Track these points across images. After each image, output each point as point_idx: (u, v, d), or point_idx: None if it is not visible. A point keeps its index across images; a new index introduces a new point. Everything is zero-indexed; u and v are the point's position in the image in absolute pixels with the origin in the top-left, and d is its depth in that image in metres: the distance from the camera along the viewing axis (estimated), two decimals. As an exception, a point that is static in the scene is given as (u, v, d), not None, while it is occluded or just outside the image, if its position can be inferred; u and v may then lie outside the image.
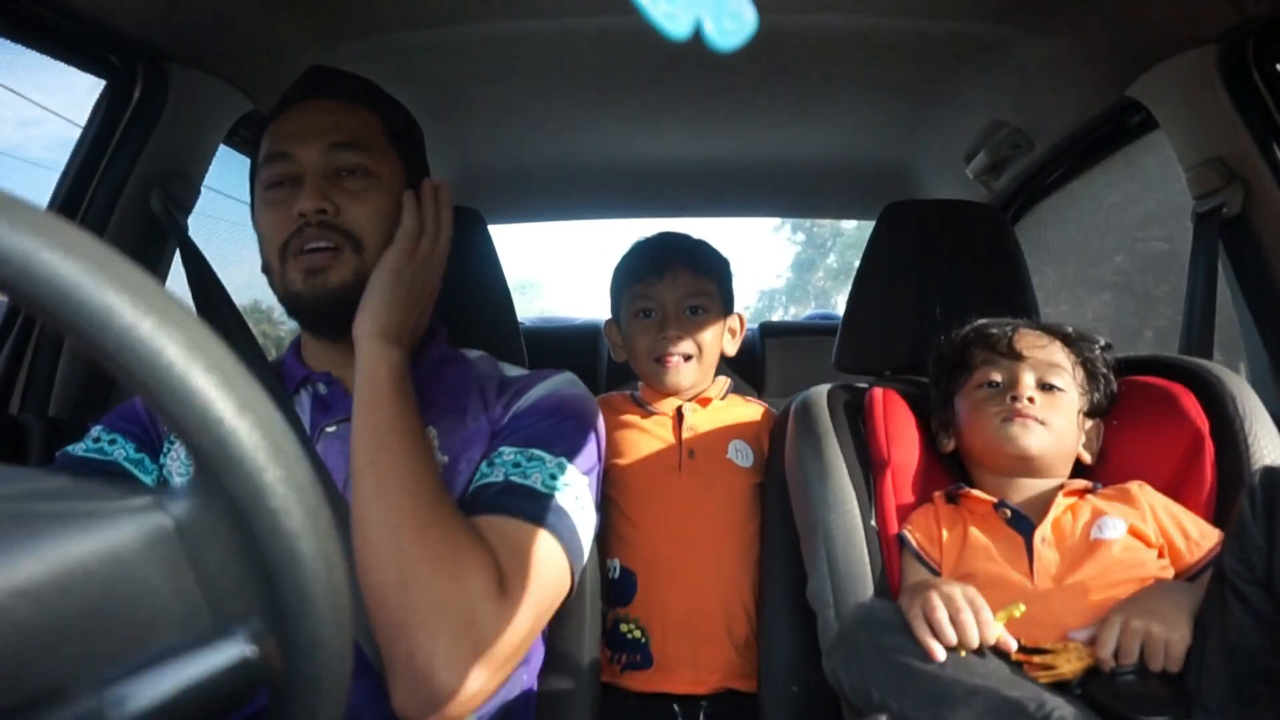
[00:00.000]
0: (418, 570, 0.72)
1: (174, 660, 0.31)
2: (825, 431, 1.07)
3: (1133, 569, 0.89)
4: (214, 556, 0.33)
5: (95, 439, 0.88)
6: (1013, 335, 1.04)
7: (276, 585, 0.33)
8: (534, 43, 1.38)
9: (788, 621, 1.14)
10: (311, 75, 0.97)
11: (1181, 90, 1.26)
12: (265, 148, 0.91)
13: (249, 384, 0.32)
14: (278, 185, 0.89)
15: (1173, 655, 0.77)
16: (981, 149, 1.74)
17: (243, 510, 0.32)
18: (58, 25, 1.08)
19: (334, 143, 0.88)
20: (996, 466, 1.01)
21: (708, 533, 1.25)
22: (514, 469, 0.84)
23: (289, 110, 0.93)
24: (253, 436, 0.32)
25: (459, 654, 0.70)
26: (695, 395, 1.34)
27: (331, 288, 0.86)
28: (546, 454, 0.85)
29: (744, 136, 1.83)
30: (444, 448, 0.89)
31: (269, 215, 0.89)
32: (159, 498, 0.33)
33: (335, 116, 0.91)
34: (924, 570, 0.97)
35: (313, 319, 0.90)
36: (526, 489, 0.82)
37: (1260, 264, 1.22)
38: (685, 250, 1.34)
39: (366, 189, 0.89)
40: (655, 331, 1.30)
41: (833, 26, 1.34)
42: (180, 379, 0.31)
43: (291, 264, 0.87)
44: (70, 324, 0.30)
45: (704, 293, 1.31)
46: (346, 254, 0.87)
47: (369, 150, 0.90)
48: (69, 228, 0.30)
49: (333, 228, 0.86)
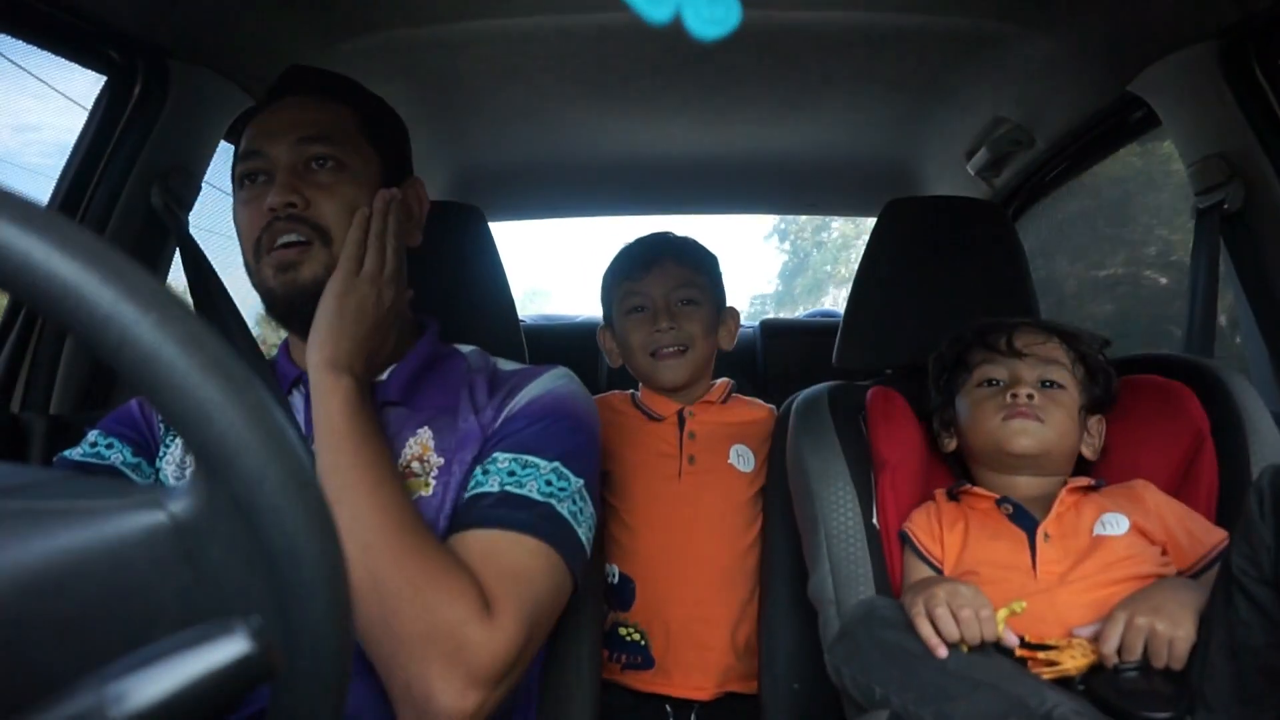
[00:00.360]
0: (399, 604, 0.71)
1: (174, 657, 0.31)
2: (826, 430, 1.06)
3: (1135, 566, 0.88)
4: (213, 554, 0.33)
5: (92, 444, 0.88)
6: (1012, 333, 1.04)
7: (277, 581, 0.33)
8: (534, 39, 1.38)
9: (789, 619, 1.14)
10: (286, 74, 0.97)
11: (1183, 86, 1.25)
12: (240, 147, 0.91)
13: (249, 380, 0.32)
14: (250, 182, 0.89)
15: (1177, 652, 0.77)
16: (983, 145, 1.73)
17: (244, 507, 0.32)
18: (58, 22, 1.08)
19: (302, 136, 0.88)
20: (998, 465, 1.01)
21: (708, 540, 1.25)
22: (509, 477, 0.82)
23: (264, 110, 0.93)
24: (254, 434, 0.31)
25: (452, 679, 0.70)
26: (696, 398, 1.34)
27: (302, 283, 0.85)
28: (541, 459, 0.84)
29: (744, 132, 1.83)
30: (440, 448, 0.88)
31: (243, 212, 0.89)
32: (158, 495, 0.33)
33: (305, 112, 0.90)
34: (925, 568, 0.97)
35: (285, 314, 0.89)
36: (521, 499, 0.81)
37: (1261, 260, 1.22)
38: (671, 245, 1.35)
39: (336, 182, 0.88)
40: (648, 326, 1.29)
41: (834, 22, 1.33)
42: (181, 376, 0.31)
43: (265, 260, 0.87)
44: (71, 321, 0.30)
45: (693, 284, 1.31)
46: (316, 248, 0.86)
47: (339, 143, 0.89)
48: (70, 225, 0.30)
49: (301, 220, 0.86)
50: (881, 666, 0.83)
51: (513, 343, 1.19)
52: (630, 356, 1.34)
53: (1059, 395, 1.00)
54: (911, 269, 1.23)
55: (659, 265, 1.31)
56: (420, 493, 0.85)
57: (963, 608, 0.81)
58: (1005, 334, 1.04)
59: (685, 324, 1.29)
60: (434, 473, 0.86)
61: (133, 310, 0.30)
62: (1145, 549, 0.90)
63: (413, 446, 0.88)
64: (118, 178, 1.20)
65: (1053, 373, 1.01)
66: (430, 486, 0.86)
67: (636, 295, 1.31)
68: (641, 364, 1.32)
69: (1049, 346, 1.03)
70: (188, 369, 0.31)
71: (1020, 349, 1.02)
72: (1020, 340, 1.03)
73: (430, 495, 0.85)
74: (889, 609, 0.88)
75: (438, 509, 0.85)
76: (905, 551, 1.00)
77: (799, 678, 1.12)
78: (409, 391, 0.91)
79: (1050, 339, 1.04)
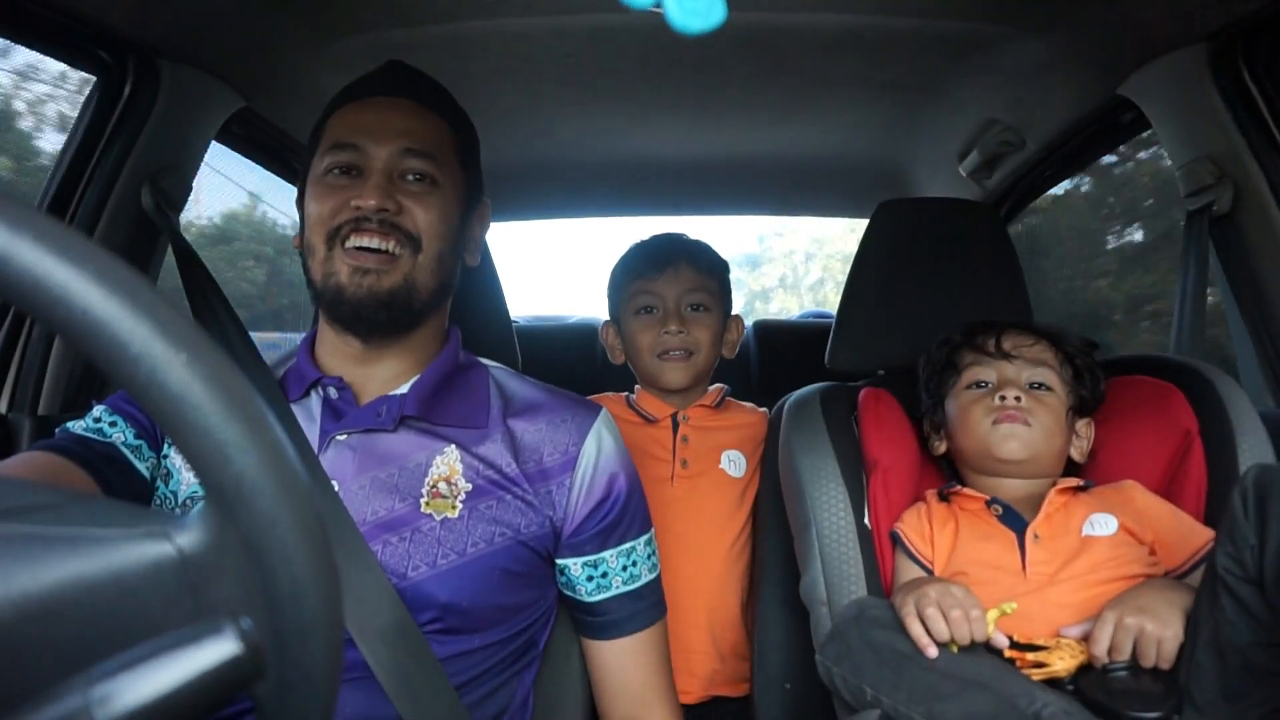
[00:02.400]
0: None
1: (161, 658, 0.31)
2: (818, 431, 1.07)
3: (1123, 566, 0.89)
4: (217, 588, 0.34)
5: (96, 418, 0.87)
6: (1000, 335, 1.04)
7: (277, 619, 0.33)
8: (529, 40, 1.38)
9: (780, 619, 1.14)
10: (394, 70, 0.95)
11: (1172, 89, 1.26)
12: (333, 134, 0.90)
13: (266, 419, 0.33)
14: (340, 172, 0.88)
15: (1165, 652, 0.78)
16: (974, 147, 1.74)
17: (253, 548, 0.32)
18: (48, 21, 1.08)
19: (408, 147, 0.88)
20: (987, 467, 1.01)
21: (697, 544, 1.25)
22: (622, 572, 0.92)
23: (365, 101, 0.91)
24: (270, 478, 0.32)
25: None
26: (691, 402, 1.34)
27: (379, 291, 0.85)
28: (638, 540, 0.94)
29: (737, 134, 1.83)
30: (468, 473, 0.87)
31: (324, 198, 0.87)
32: (167, 527, 0.34)
33: (412, 120, 0.90)
34: (916, 568, 0.97)
35: (350, 316, 0.87)
36: (638, 591, 0.93)
37: (1249, 262, 1.23)
38: (687, 247, 1.35)
39: (429, 194, 0.88)
40: (657, 327, 1.30)
41: (827, 25, 1.34)
42: (205, 417, 0.31)
43: (340, 254, 0.85)
44: (98, 357, 0.30)
45: (705, 289, 1.32)
46: (404, 258, 0.86)
47: (438, 160, 0.89)
48: (104, 254, 0.31)
49: (394, 226, 0.85)
50: (872, 667, 0.83)
51: (506, 345, 1.19)
52: (636, 355, 1.34)
53: (1046, 398, 1.00)
54: (904, 270, 1.24)
55: (673, 267, 1.31)
56: (446, 514, 0.84)
57: (953, 608, 0.82)
58: (993, 336, 1.04)
59: (694, 329, 1.30)
60: (461, 497, 0.85)
61: (164, 352, 0.30)
62: (1133, 549, 0.91)
63: (439, 466, 0.87)
64: (108, 178, 1.20)
65: (1041, 375, 1.01)
66: (457, 510, 0.85)
67: (648, 295, 1.32)
68: (647, 364, 1.32)
69: (1037, 349, 1.03)
70: (212, 410, 0.31)
71: (1008, 351, 1.03)
72: (1008, 342, 1.03)
73: (457, 518, 0.85)
74: (880, 609, 0.89)
75: (465, 536, 0.84)
76: (896, 552, 1.01)
77: (791, 678, 1.13)
78: (429, 405, 0.89)
79: (1038, 341, 1.04)
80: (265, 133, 1.54)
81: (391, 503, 0.84)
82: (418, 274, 0.87)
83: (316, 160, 0.90)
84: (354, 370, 0.91)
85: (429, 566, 0.82)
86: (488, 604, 0.85)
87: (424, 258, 0.87)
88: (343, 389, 0.89)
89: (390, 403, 0.88)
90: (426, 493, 0.85)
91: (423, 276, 0.88)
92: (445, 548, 0.83)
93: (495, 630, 0.87)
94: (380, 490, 0.84)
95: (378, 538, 0.83)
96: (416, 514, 0.84)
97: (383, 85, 0.93)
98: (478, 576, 0.84)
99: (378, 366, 0.91)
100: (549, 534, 0.89)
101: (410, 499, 0.84)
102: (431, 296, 0.89)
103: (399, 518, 0.83)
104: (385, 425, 0.86)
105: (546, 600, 0.94)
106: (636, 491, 0.95)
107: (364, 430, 0.87)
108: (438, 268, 0.89)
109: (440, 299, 0.92)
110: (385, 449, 0.86)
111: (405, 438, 0.87)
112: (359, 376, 0.91)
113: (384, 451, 0.86)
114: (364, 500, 0.84)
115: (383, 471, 0.85)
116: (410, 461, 0.86)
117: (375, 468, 0.85)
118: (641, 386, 1.38)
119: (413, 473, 0.86)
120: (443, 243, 0.89)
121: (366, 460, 0.86)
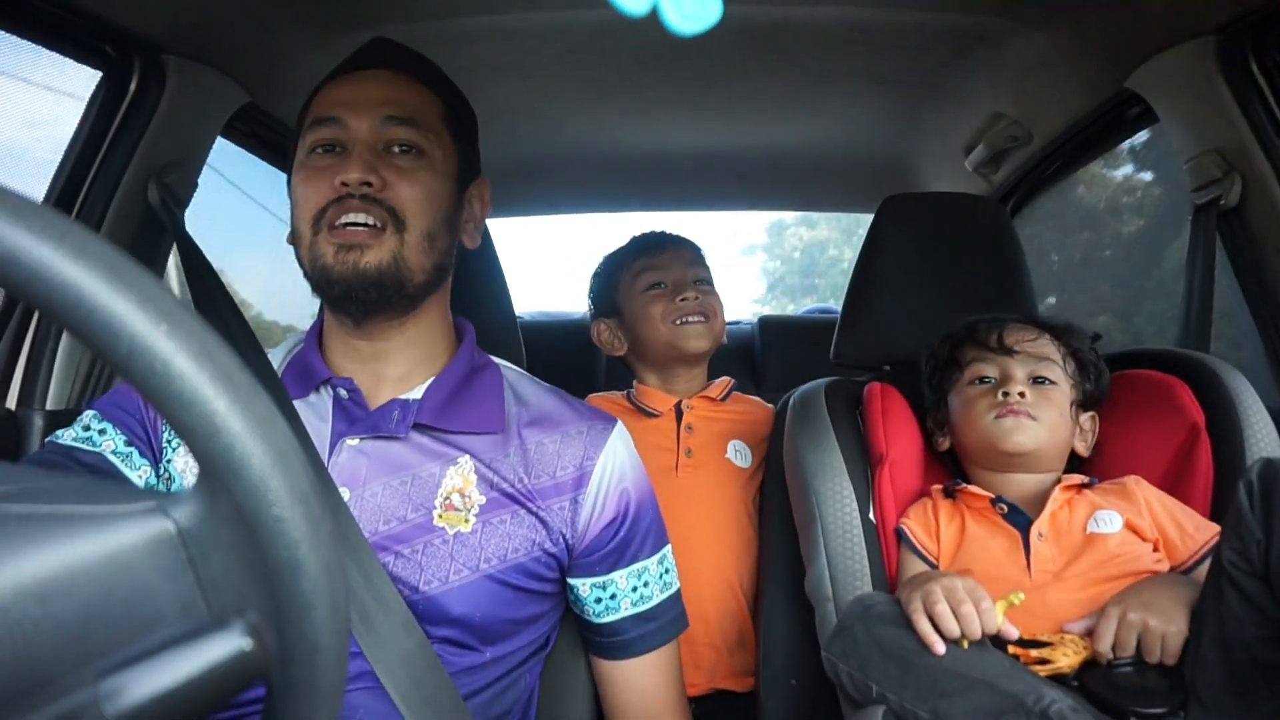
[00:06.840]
0: None
1: (169, 653, 0.31)
2: (823, 425, 1.07)
3: (1129, 563, 0.89)
4: (216, 561, 0.34)
5: (86, 426, 0.85)
6: (1003, 330, 1.04)
7: (277, 590, 0.33)
8: (531, 36, 1.38)
9: (786, 614, 1.14)
10: (374, 44, 0.92)
11: (1180, 82, 1.25)
12: (314, 112, 0.87)
13: (255, 391, 0.32)
14: (323, 151, 0.85)
15: (1170, 648, 0.77)
16: (980, 141, 1.73)
17: (247, 517, 0.32)
18: (53, 17, 1.08)
19: (388, 116, 0.84)
20: (991, 462, 1.01)
21: (703, 535, 1.25)
22: (633, 593, 0.91)
23: (345, 76, 0.88)
24: (260, 446, 0.32)
25: None
26: (693, 392, 1.34)
27: (364, 268, 0.81)
28: (650, 558, 0.92)
29: (742, 129, 1.83)
30: (482, 485, 0.84)
31: (308, 181, 0.84)
32: (163, 502, 0.34)
33: (392, 89, 0.86)
34: (922, 564, 0.97)
35: (340, 297, 0.83)
36: (651, 611, 0.92)
37: (1257, 256, 1.22)
38: (679, 237, 1.41)
39: (416, 168, 0.84)
40: (670, 298, 1.32)
41: (831, 19, 1.33)
42: (191, 388, 0.31)
43: (325, 235, 0.82)
44: (79, 330, 0.30)
45: (704, 265, 1.38)
46: (387, 234, 0.82)
47: (423, 129, 0.85)
48: (81, 230, 0.30)
49: (376, 202, 0.81)
50: (878, 663, 0.83)
51: (510, 340, 1.19)
52: (649, 331, 1.32)
53: (1050, 392, 1.00)
54: (909, 265, 1.23)
55: (675, 247, 1.37)
56: (459, 528, 0.83)
57: (962, 603, 0.81)
58: (996, 331, 1.04)
59: (705, 299, 1.33)
60: (475, 510, 0.83)
61: (143, 322, 0.30)
62: (1138, 546, 0.90)
63: (453, 478, 0.84)
64: (114, 174, 1.20)
65: (1044, 369, 1.01)
66: (470, 523, 0.83)
67: (655, 272, 1.34)
68: (663, 334, 1.31)
69: (1040, 343, 1.03)
70: (197, 381, 0.31)
71: (1011, 346, 1.02)
72: (1011, 337, 1.03)
73: (470, 532, 0.83)
74: (886, 605, 0.89)
75: (478, 551, 0.82)
76: (901, 548, 1.00)
77: (796, 673, 1.13)
78: (443, 413, 0.86)
79: (1041, 335, 1.04)
80: (270, 128, 1.54)
81: (404, 512, 0.82)
82: (406, 251, 0.82)
83: (301, 144, 0.88)
84: (362, 370, 0.88)
85: (441, 581, 0.81)
86: (500, 619, 0.84)
87: (410, 235, 0.83)
88: (354, 390, 0.86)
89: (404, 408, 0.85)
90: (440, 504, 0.83)
91: (412, 255, 0.83)
92: (458, 563, 0.82)
93: (506, 643, 0.86)
94: (392, 499, 0.82)
95: (389, 549, 0.81)
96: (429, 526, 0.82)
97: (363, 59, 0.90)
98: (491, 593, 0.82)
99: (385, 364, 0.88)
100: (562, 550, 0.88)
101: (423, 510, 0.82)
102: (426, 276, 0.85)
103: (411, 529, 0.82)
104: (399, 433, 0.84)
105: (558, 610, 0.93)
106: (651, 509, 0.93)
107: (376, 436, 0.84)
108: (428, 246, 0.85)
109: (436, 280, 0.88)
110: (398, 456, 0.84)
111: (419, 445, 0.85)
112: (368, 376, 0.88)
113: (397, 458, 0.84)
114: (376, 508, 0.82)
115: (395, 479, 0.83)
116: (424, 470, 0.84)
117: (388, 474, 0.83)
118: (640, 380, 1.37)
119: (425, 482, 0.83)
120: (431, 220, 0.85)
121: (378, 467, 0.83)
